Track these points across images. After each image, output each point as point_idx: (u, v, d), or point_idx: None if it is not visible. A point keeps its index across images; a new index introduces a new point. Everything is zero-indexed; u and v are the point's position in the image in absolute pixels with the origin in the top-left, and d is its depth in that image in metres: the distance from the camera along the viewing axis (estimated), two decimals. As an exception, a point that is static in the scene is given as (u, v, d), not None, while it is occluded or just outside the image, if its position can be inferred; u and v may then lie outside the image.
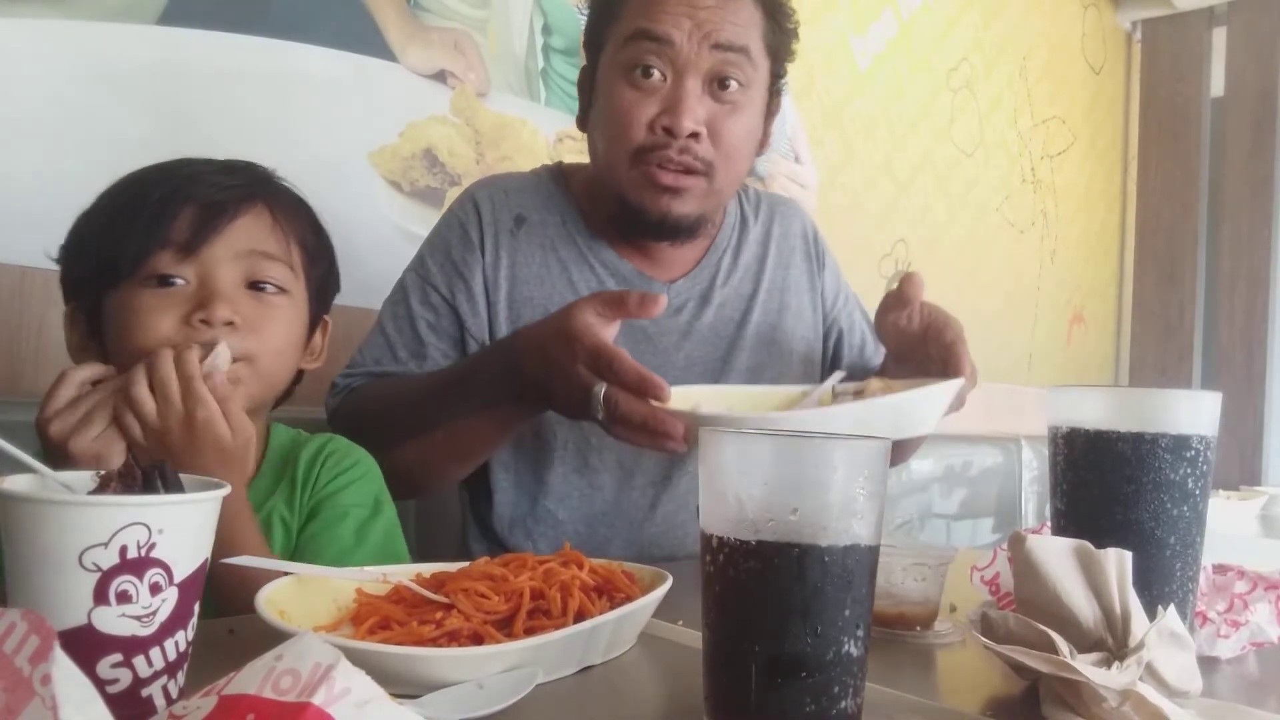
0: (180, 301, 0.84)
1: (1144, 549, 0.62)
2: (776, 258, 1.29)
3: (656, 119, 1.07)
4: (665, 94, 1.07)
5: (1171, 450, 0.64)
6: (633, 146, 1.07)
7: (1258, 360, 3.20)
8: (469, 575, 0.68)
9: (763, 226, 1.30)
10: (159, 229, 0.85)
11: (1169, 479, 0.64)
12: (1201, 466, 0.65)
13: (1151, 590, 0.63)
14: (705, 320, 1.22)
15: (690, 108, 1.06)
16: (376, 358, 1.15)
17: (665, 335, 1.19)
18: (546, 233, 1.18)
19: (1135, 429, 0.64)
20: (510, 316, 1.15)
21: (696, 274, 1.23)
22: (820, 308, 1.32)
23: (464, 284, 1.15)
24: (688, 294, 1.21)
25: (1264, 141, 3.21)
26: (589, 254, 1.18)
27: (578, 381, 0.90)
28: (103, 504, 0.46)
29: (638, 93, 1.07)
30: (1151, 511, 0.64)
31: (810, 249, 1.33)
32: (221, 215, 0.87)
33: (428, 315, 1.15)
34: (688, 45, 1.06)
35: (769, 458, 0.49)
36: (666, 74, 1.07)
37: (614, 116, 1.09)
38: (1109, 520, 0.65)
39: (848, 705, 0.49)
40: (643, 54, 1.06)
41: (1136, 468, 0.64)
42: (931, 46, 2.71)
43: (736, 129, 1.10)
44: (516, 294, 1.15)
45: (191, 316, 0.84)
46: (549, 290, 1.16)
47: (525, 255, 1.16)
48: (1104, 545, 0.58)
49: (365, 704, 0.34)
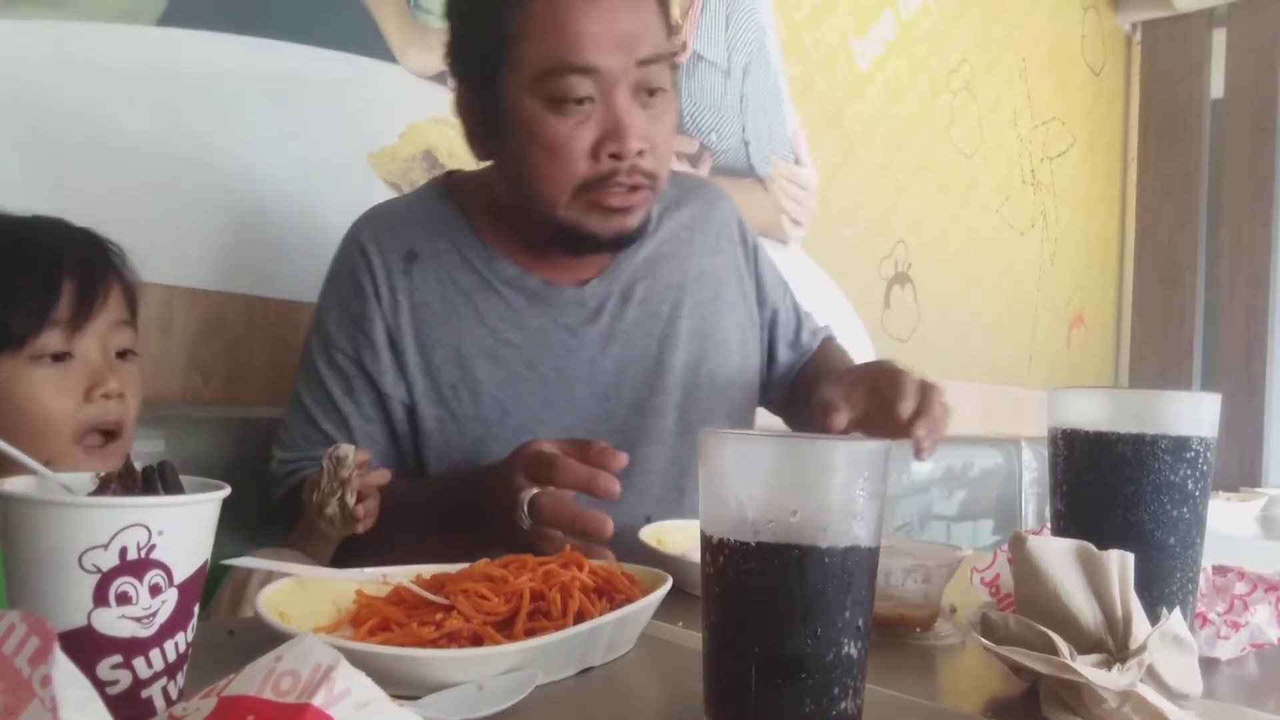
0: (74, 378, 0.88)
1: (1144, 550, 0.62)
2: (701, 244, 1.23)
3: (599, 145, 1.00)
4: (600, 118, 1.00)
5: (1171, 452, 0.64)
6: (578, 180, 1.01)
7: (1258, 361, 3.20)
8: (469, 576, 0.68)
9: (685, 212, 1.23)
10: (46, 306, 0.87)
11: (1169, 480, 0.64)
12: (1201, 468, 0.65)
13: (1151, 591, 0.63)
14: (630, 318, 1.15)
15: (632, 126, 1.00)
16: (306, 435, 1.10)
17: (588, 345, 1.13)
18: (441, 263, 1.11)
19: (1135, 430, 0.64)
20: (422, 363, 1.09)
21: (612, 272, 1.15)
22: (756, 295, 1.27)
23: (367, 339, 1.08)
24: (605, 294, 1.15)
25: (1264, 142, 3.21)
26: (491, 277, 1.11)
27: (512, 489, 0.89)
28: (103, 505, 0.46)
29: (570, 122, 1.00)
30: (1151, 513, 0.64)
31: (738, 234, 1.27)
32: (96, 291, 0.90)
33: (338, 379, 1.09)
34: (615, 68, 1.00)
35: (769, 460, 0.49)
36: (595, 96, 1.00)
37: (548, 151, 1.01)
38: (1109, 522, 0.65)
39: (847, 706, 0.49)
40: (568, 86, 0.99)
41: (1136, 469, 0.64)
42: (931, 48, 2.71)
43: (666, 132, 1.06)
44: (424, 336, 1.09)
45: (91, 393, 0.88)
46: (456, 326, 1.09)
47: (424, 294, 1.10)
48: (1104, 547, 0.58)
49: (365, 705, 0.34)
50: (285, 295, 1.41)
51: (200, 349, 1.33)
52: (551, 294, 1.12)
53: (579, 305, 1.13)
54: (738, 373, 1.22)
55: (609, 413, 1.13)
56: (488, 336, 1.10)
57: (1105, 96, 3.49)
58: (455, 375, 1.09)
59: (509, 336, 1.10)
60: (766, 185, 2.22)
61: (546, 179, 1.03)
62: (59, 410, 0.87)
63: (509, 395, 1.09)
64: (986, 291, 2.94)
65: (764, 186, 2.21)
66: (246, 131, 1.37)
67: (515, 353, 1.10)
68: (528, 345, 1.11)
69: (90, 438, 0.90)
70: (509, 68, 1.02)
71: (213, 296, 1.34)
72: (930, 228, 2.72)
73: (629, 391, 1.14)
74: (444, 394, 1.09)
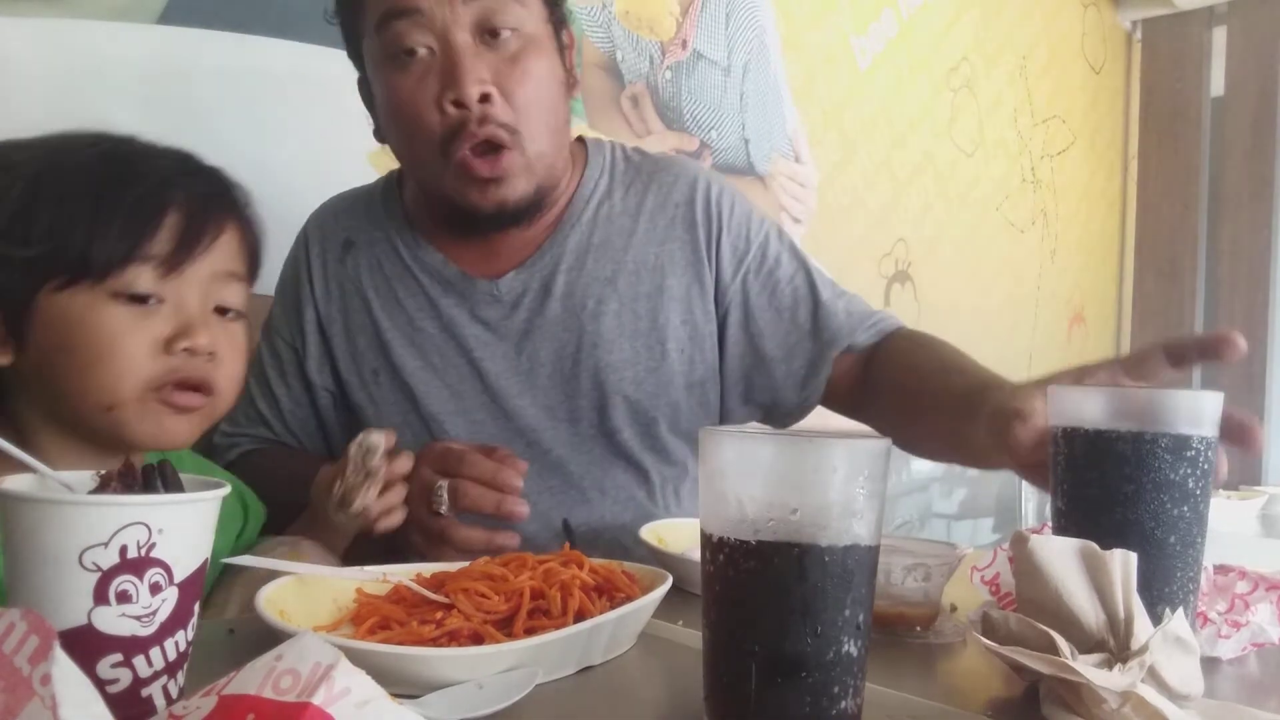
0: (155, 324, 0.77)
1: (1144, 549, 0.62)
2: (648, 233, 1.12)
3: (441, 96, 0.96)
4: (438, 66, 0.96)
5: (1172, 450, 0.64)
6: (433, 138, 0.97)
7: (1258, 360, 3.20)
8: (469, 575, 0.68)
9: (634, 198, 1.14)
10: (139, 238, 0.76)
11: (1169, 479, 0.64)
12: (1202, 466, 0.65)
13: (1152, 591, 0.63)
14: (551, 314, 1.08)
15: (468, 69, 0.95)
16: (245, 413, 1.13)
17: (504, 339, 1.09)
18: (374, 251, 1.12)
19: (1135, 429, 0.64)
20: (349, 348, 1.10)
21: (533, 263, 1.09)
22: (713, 282, 1.13)
23: (299, 326, 1.12)
24: (524, 286, 1.09)
25: (1264, 141, 3.21)
26: (413, 264, 1.11)
27: (422, 480, 0.89)
28: (103, 504, 0.46)
29: (409, 77, 0.97)
30: (1151, 512, 0.64)
31: (698, 215, 1.13)
32: (204, 232, 0.80)
33: (274, 362, 1.13)
34: (438, 8, 0.95)
35: (769, 458, 0.49)
36: (432, 46, 0.96)
37: (397, 112, 0.99)
38: (1109, 520, 0.65)
39: (848, 705, 0.49)
40: (398, 35, 0.96)
41: (1136, 468, 0.64)
42: (931, 46, 2.71)
43: (528, 78, 0.98)
44: (351, 323, 1.11)
45: (172, 344, 0.77)
46: (377, 311, 1.10)
47: (354, 281, 1.11)
48: (1104, 545, 0.58)
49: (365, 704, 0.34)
50: (285, 294, 1.41)
51: (200, 347, 1.33)
52: (466, 285, 1.09)
53: (494, 299, 1.09)
54: (680, 373, 1.11)
55: (520, 410, 1.08)
56: (406, 324, 1.10)
57: (1105, 94, 3.49)
58: (377, 360, 1.10)
59: (424, 325, 1.10)
60: (766, 183, 2.22)
61: (409, 143, 1.01)
62: (129, 355, 0.75)
63: (420, 383, 1.08)
64: (986, 289, 2.94)
65: (764, 184, 2.21)
66: (246, 130, 1.37)
67: (429, 341, 1.09)
68: (440, 336, 1.09)
69: (176, 394, 0.78)
70: (365, 37, 1.02)
71: (213, 295, 1.34)
72: (930, 225, 2.72)
73: (543, 391, 1.09)
74: (365, 379, 1.10)
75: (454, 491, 0.88)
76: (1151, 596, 0.62)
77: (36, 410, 0.79)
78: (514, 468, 0.90)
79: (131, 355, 0.76)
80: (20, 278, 0.75)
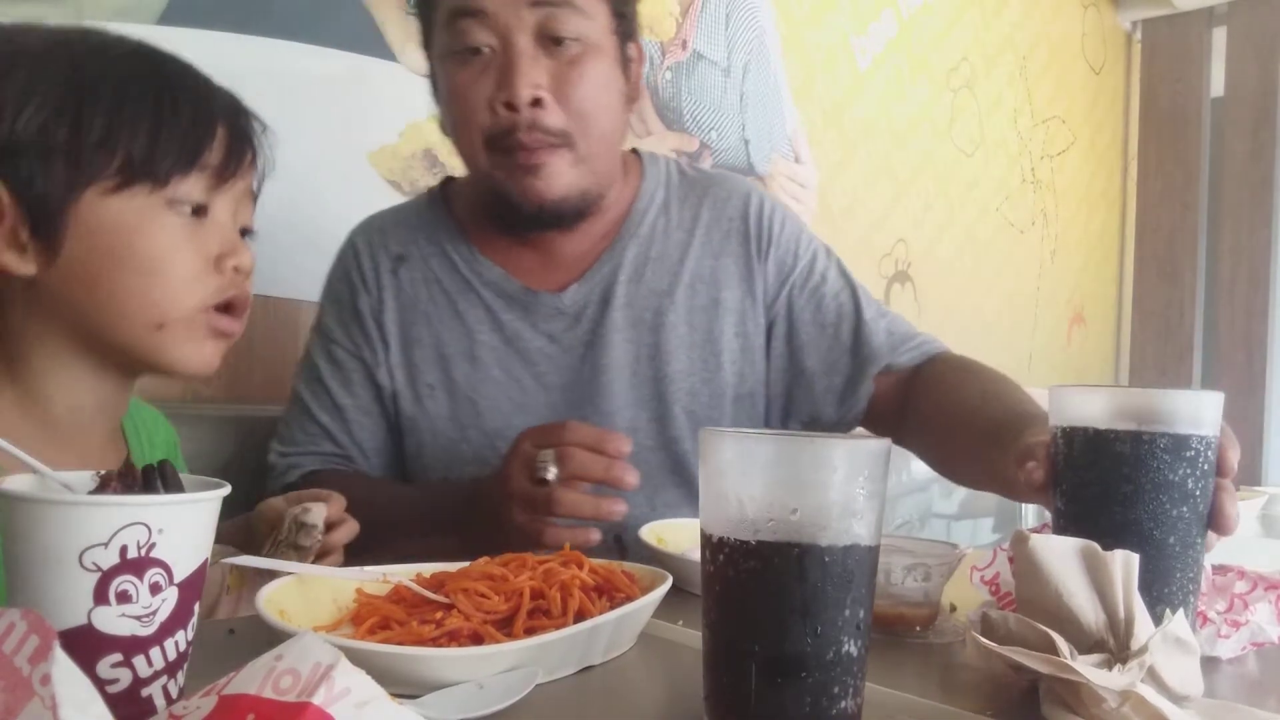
0: (207, 239, 0.74)
1: (1143, 549, 0.62)
2: (704, 246, 1.15)
3: (494, 96, 0.98)
4: (497, 65, 0.98)
5: (1170, 450, 0.64)
6: (481, 133, 1.00)
7: (1258, 360, 3.20)
8: (469, 575, 0.68)
9: (689, 211, 1.16)
10: (200, 145, 0.73)
11: (1168, 479, 0.64)
12: (1202, 466, 0.65)
13: (1151, 591, 0.63)
14: (612, 325, 1.10)
15: (523, 72, 0.97)
16: (303, 428, 1.11)
17: (568, 351, 1.11)
18: (429, 265, 1.13)
19: (1134, 428, 0.64)
20: (404, 361, 1.11)
21: (593, 275, 1.12)
22: (762, 295, 1.15)
23: (363, 333, 1.11)
24: (586, 298, 1.11)
25: (1264, 141, 3.21)
26: (472, 277, 1.12)
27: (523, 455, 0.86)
28: (103, 504, 0.46)
29: (469, 72, 0.99)
30: (1150, 512, 0.64)
31: (750, 229, 1.16)
32: (246, 145, 0.78)
33: (336, 374, 1.11)
34: (504, 10, 0.97)
35: (769, 458, 0.49)
36: (494, 46, 0.98)
37: (455, 105, 1.02)
38: (1108, 520, 0.65)
39: (847, 705, 0.49)
40: (463, 32, 0.99)
41: (1134, 467, 0.64)
42: (931, 46, 2.71)
43: (584, 85, 1.00)
44: (407, 335, 1.11)
45: (221, 262, 0.75)
46: (438, 326, 1.11)
47: (409, 295, 1.12)
48: (1103, 545, 0.58)
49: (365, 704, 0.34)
50: (285, 294, 1.41)
51: (200, 348, 1.33)
52: (529, 299, 1.11)
53: (558, 311, 1.11)
54: (731, 385, 1.13)
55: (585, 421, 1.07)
56: (465, 338, 1.10)
57: (1105, 95, 3.49)
58: (434, 374, 1.10)
59: (486, 339, 1.10)
60: (766, 183, 2.22)
61: (461, 135, 1.03)
62: (188, 270, 0.72)
63: (483, 397, 1.09)
64: (986, 290, 2.94)
65: (764, 184, 2.21)
66: (246, 130, 1.37)
67: (492, 355, 1.10)
68: (504, 349, 1.10)
69: (219, 317, 0.76)
70: (435, 31, 1.04)
71: (213, 295, 1.34)
72: (930, 226, 2.72)
73: (606, 401, 1.10)
74: (420, 392, 1.10)
75: (561, 456, 0.84)
76: (1151, 597, 0.62)
77: (52, 327, 0.73)
78: (620, 436, 0.87)
79: (188, 270, 0.73)
80: (62, 177, 0.69)
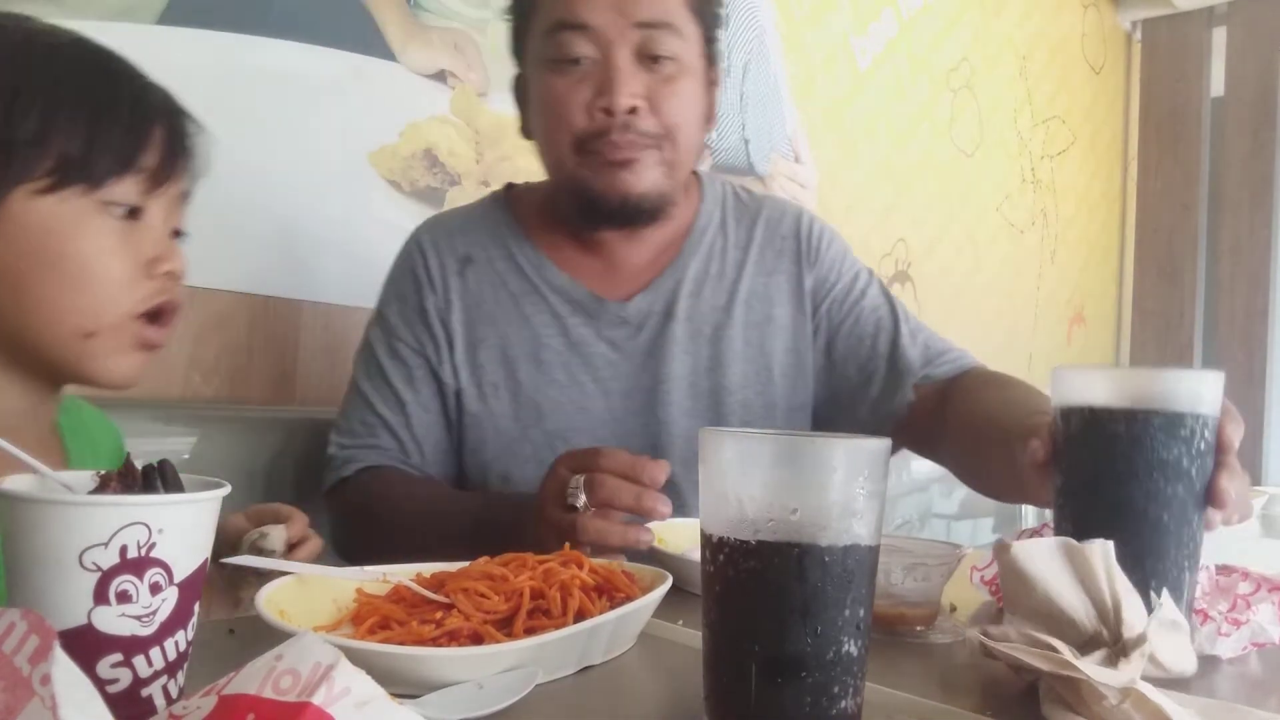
0: (141, 243, 0.72)
1: (1137, 527, 0.63)
2: (758, 264, 1.20)
3: (592, 102, 1.03)
4: (596, 75, 1.04)
5: (1164, 429, 0.65)
6: (573, 135, 1.05)
7: (1258, 360, 3.20)
8: (469, 575, 0.68)
9: (744, 231, 1.22)
10: (138, 146, 0.71)
11: (1162, 457, 0.65)
12: (1198, 445, 0.65)
13: (1144, 567, 0.64)
14: (673, 336, 1.15)
15: (624, 82, 1.02)
16: (363, 421, 1.13)
17: (629, 359, 1.14)
18: (495, 268, 1.16)
19: (1129, 406, 0.65)
20: (469, 360, 1.13)
21: (657, 287, 1.16)
22: (806, 308, 1.20)
23: (428, 331, 1.14)
24: (649, 309, 1.15)
25: (1264, 140, 3.21)
26: (539, 282, 1.15)
27: (559, 479, 0.86)
28: (103, 504, 0.46)
29: (568, 80, 1.04)
30: (1144, 489, 0.65)
31: (801, 247, 1.22)
32: (182, 148, 0.76)
33: (399, 369, 1.13)
34: (610, 27, 1.03)
35: (769, 458, 0.49)
36: (594, 56, 1.04)
37: (549, 109, 1.06)
38: (1103, 497, 0.66)
39: (847, 705, 0.49)
40: (565, 43, 1.04)
41: (1130, 445, 0.65)
42: (931, 46, 2.71)
43: (676, 99, 1.06)
44: (473, 335, 1.14)
45: (153, 267, 0.73)
46: (504, 327, 1.14)
47: (475, 295, 1.15)
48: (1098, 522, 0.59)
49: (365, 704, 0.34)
50: (285, 294, 1.41)
51: (200, 348, 1.33)
52: (595, 305, 1.15)
53: (622, 320, 1.15)
54: (783, 398, 1.18)
55: (643, 428, 1.13)
56: (531, 340, 1.13)
57: (1105, 95, 3.49)
58: (498, 374, 1.13)
59: (551, 342, 1.14)
60: (766, 183, 2.22)
61: (553, 137, 1.07)
62: (120, 276, 0.70)
63: (547, 399, 1.12)
64: (987, 290, 2.94)
65: (764, 184, 2.21)
66: (246, 130, 1.37)
67: (556, 358, 1.13)
68: (568, 353, 1.14)
69: (145, 329, 0.74)
70: (529, 38, 1.09)
71: (213, 295, 1.34)
72: (930, 226, 2.72)
73: (663, 409, 1.13)
74: (484, 391, 1.13)
75: (590, 484, 0.84)
76: (1144, 573, 0.63)
77: None
78: (656, 464, 0.86)
79: (120, 275, 0.71)
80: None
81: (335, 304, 1.47)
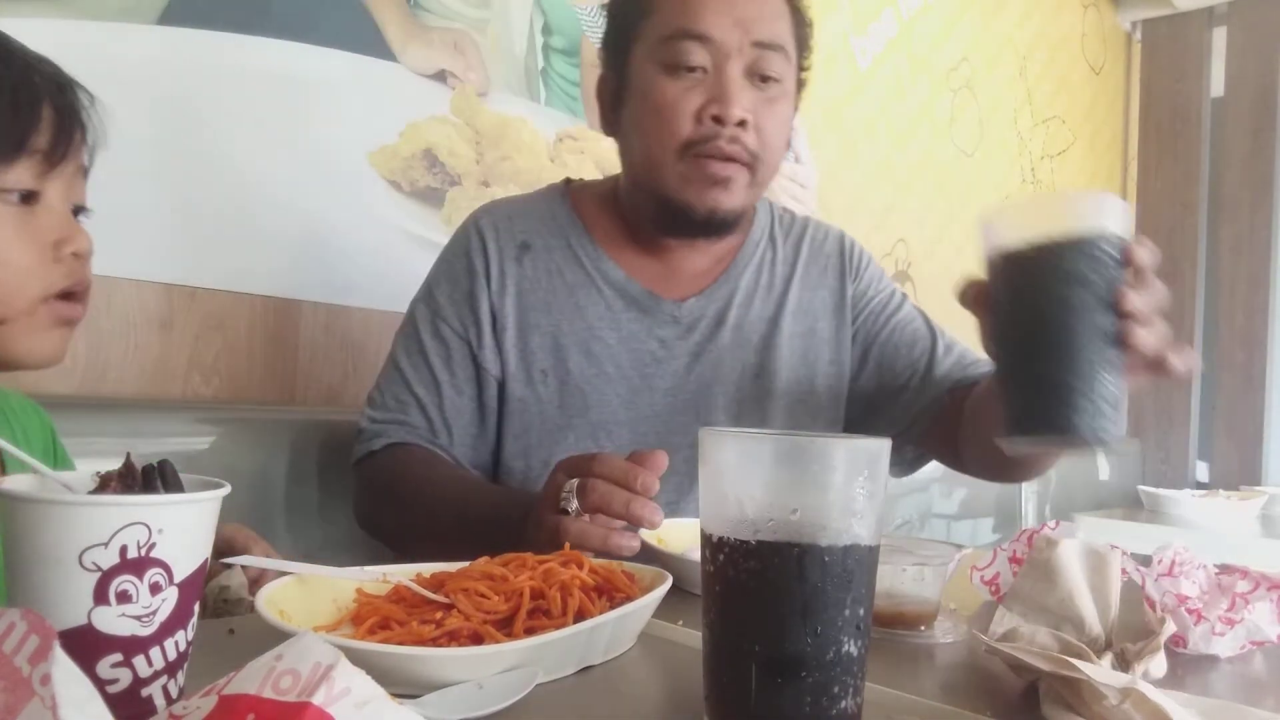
0: (42, 227, 0.71)
1: (1048, 336, 0.68)
2: (803, 280, 1.25)
3: (703, 109, 1.06)
4: (709, 85, 1.07)
5: (1069, 245, 0.69)
6: (681, 139, 1.07)
7: (1258, 360, 3.20)
8: (469, 575, 0.68)
9: (791, 247, 1.27)
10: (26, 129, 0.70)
11: (1065, 269, 0.69)
12: (1102, 259, 0.69)
13: (1059, 372, 0.68)
14: (721, 343, 1.18)
15: (737, 95, 1.06)
16: (397, 397, 1.14)
17: (677, 358, 1.17)
18: (552, 257, 1.18)
19: (1037, 235, 0.70)
20: (519, 345, 1.15)
21: (711, 292, 1.20)
22: (847, 316, 1.25)
23: (473, 315, 1.15)
24: (701, 313, 1.19)
25: (1264, 141, 3.21)
26: (596, 275, 1.17)
27: (554, 484, 0.87)
28: (103, 504, 0.46)
29: (680, 85, 1.07)
30: (1050, 298, 0.69)
31: (844, 264, 1.28)
32: (75, 125, 0.74)
33: (439, 349, 1.15)
34: (730, 41, 1.06)
35: (769, 458, 0.49)
36: (708, 67, 1.07)
37: (656, 111, 1.08)
38: (1019, 314, 0.71)
39: (848, 705, 0.49)
40: (683, 51, 1.07)
41: (1035, 265, 0.70)
42: (931, 46, 2.71)
43: (776, 121, 1.10)
44: (525, 321, 1.15)
45: (60, 248, 0.72)
46: (557, 316, 1.15)
47: (531, 281, 1.16)
48: (1018, 340, 0.69)
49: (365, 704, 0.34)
50: (285, 294, 1.41)
51: (200, 348, 1.33)
52: (650, 303, 1.17)
53: (674, 319, 1.17)
54: (823, 408, 1.22)
55: (684, 427, 1.15)
56: (584, 330, 1.15)
57: (1105, 95, 3.49)
58: (548, 361, 1.14)
59: (604, 335, 1.16)
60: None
61: (655, 139, 1.09)
62: (25, 263, 0.70)
63: (594, 390, 1.14)
64: (986, 290, 2.94)
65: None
66: (246, 130, 1.37)
67: (607, 351, 1.15)
68: (619, 347, 1.16)
69: (60, 306, 0.74)
70: (639, 41, 1.11)
71: (213, 295, 1.34)
72: (930, 226, 2.72)
73: (708, 412, 1.16)
74: (533, 377, 1.14)
75: (583, 489, 0.84)
76: (1057, 379, 0.68)
77: None
78: (653, 467, 0.84)
79: (24, 262, 0.70)
80: None
81: (335, 304, 1.47)
